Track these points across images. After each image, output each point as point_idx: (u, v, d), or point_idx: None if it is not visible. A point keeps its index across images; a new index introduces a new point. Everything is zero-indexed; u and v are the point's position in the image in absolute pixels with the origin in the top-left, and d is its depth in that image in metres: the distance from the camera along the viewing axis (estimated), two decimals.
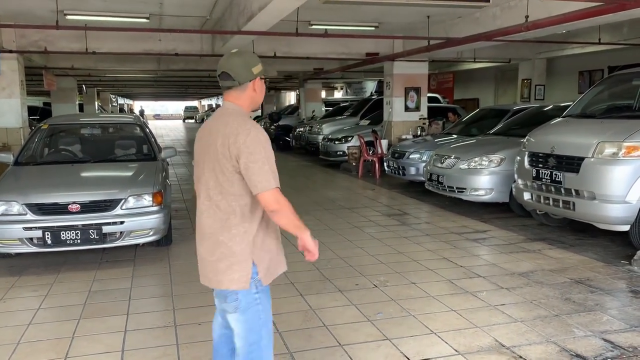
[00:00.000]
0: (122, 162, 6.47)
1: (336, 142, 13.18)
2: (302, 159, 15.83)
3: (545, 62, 13.86)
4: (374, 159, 11.68)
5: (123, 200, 5.32)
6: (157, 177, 5.82)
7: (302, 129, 17.25)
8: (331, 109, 19.37)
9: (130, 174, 5.88)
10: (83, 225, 5.13)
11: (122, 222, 5.24)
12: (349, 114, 15.74)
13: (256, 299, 2.36)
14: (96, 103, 26.99)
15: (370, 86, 24.16)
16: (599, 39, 10.07)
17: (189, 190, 10.12)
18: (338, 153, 13.10)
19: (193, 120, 55.11)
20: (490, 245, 6.05)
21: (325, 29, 9.30)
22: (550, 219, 6.80)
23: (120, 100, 53.45)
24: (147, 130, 7.16)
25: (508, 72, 17.12)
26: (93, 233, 5.15)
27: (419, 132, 12.41)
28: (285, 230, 2.33)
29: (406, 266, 5.32)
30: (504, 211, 7.66)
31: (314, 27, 10.06)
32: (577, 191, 5.71)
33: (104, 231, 5.17)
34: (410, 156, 9.70)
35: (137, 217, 5.35)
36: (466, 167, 7.64)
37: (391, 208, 8.31)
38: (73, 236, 5.10)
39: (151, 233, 5.46)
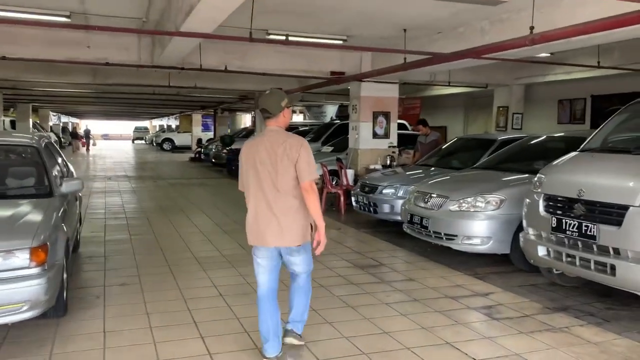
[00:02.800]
0: None
1: None
2: None
3: (523, 89, 12.83)
4: (339, 191, 10.16)
5: None
6: (44, 222, 4.09)
7: None
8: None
9: (3, 217, 4.11)
10: None
11: None
12: (310, 139, 14.18)
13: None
14: (30, 120, 24.58)
15: (330, 111, 22.82)
16: (598, 62, 8.95)
17: (126, 225, 8.31)
18: None
19: (143, 141, 52.61)
20: (501, 319, 4.54)
21: (287, 35, 7.80)
22: (564, 278, 5.39)
23: (64, 119, 50.50)
24: (48, 155, 5.38)
25: (478, 100, 16.08)
26: None
27: (388, 162, 11.00)
28: (311, 211, 3.44)
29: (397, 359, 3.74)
30: (500, 262, 6.25)
31: (271, 37, 8.56)
32: (617, 250, 4.31)
33: None
34: (384, 191, 8.21)
35: (1, 285, 3.60)
36: (457, 208, 6.18)
37: (363, 256, 6.75)
38: None
39: (25, 308, 3.71)
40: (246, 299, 4.92)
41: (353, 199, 8.99)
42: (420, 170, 8.75)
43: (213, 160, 20.54)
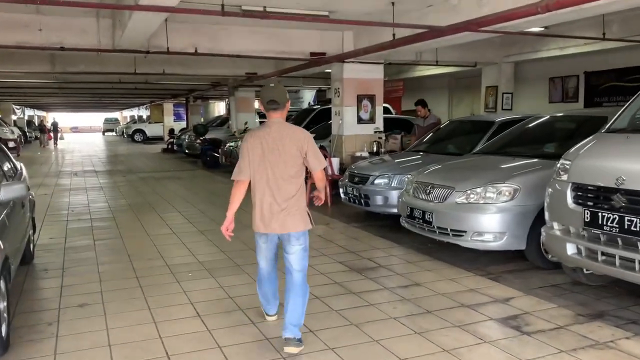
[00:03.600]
0: None
1: None
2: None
3: (513, 67, 12.18)
4: (325, 183, 9.37)
5: None
6: None
7: (233, 144, 14.74)
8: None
9: None
10: None
11: None
12: None
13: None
14: None
15: (308, 96, 21.96)
16: (604, 34, 8.29)
17: (90, 228, 7.41)
18: None
19: (114, 133, 51.05)
20: (532, 333, 3.85)
21: (264, 7, 6.92)
22: (591, 277, 4.74)
23: (30, 112, 48.56)
24: None
25: (463, 80, 15.42)
26: None
27: (374, 149, 10.26)
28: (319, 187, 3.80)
29: None
30: (511, 258, 5.60)
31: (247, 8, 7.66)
32: None
33: None
34: (376, 181, 7.47)
35: None
36: (464, 201, 5.47)
37: (358, 256, 6.02)
38: None
39: None
40: (228, 319, 4.15)
41: (341, 190, 8.24)
42: (413, 157, 8.04)
43: (186, 151, 19.59)
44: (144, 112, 48.60)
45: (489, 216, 5.29)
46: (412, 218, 5.99)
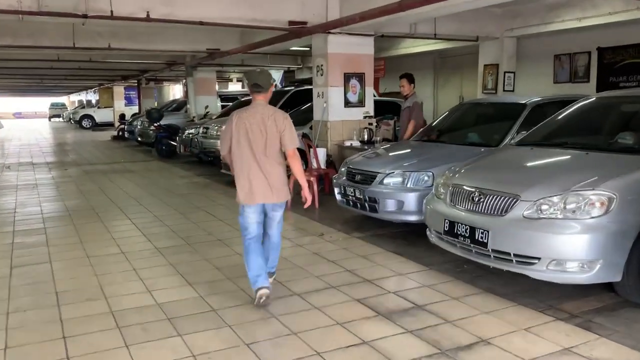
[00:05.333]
0: None
1: None
2: (194, 173, 11.43)
3: (515, 43, 10.74)
4: (310, 178, 7.72)
5: None
6: None
7: (193, 131, 12.86)
8: (230, 104, 15.08)
9: None
10: None
11: None
12: None
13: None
14: None
15: (275, 77, 20.07)
16: None
17: (10, 247, 5.52)
18: None
19: (60, 119, 47.77)
20: None
21: None
22: None
23: None
24: None
25: (449, 60, 13.93)
26: None
27: (365, 137, 8.64)
28: (295, 174, 4.14)
29: None
30: (587, 290, 4.09)
31: None
32: None
33: None
34: (385, 181, 5.85)
35: None
36: (535, 214, 3.91)
37: (377, 287, 4.41)
38: None
39: None
40: None
41: (337, 190, 6.58)
42: (426, 149, 6.48)
43: (139, 138, 17.49)
44: (93, 97, 45.75)
45: (573, 237, 3.75)
46: (453, 235, 4.40)
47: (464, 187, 4.45)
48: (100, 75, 24.46)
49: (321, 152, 8.33)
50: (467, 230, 4.23)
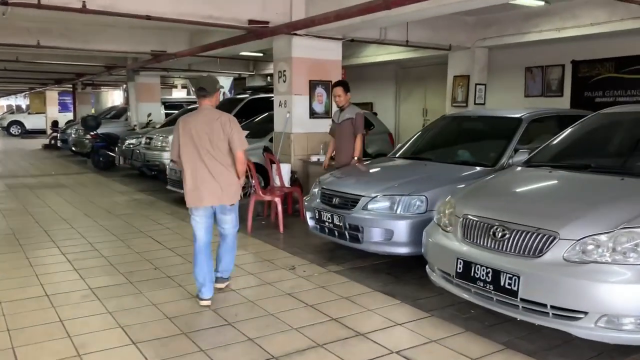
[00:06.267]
0: None
1: None
2: (135, 189, 10.20)
3: (486, 53, 10.19)
4: (274, 199, 6.76)
5: None
6: None
7: (134, 141, 11.64)
8: (175, 112, 13.88)
9: None
10: None
11: None
12: None
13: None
14: None
15: (224, 85, 18.94)
16: None
17: None
18: None
19: None
20: None
21: None
22: None
23: None
24: None
25: (412, 71, 13.33)
26: None
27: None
28: (239, 171, 4.20)
29: None
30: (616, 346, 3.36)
31: None
32: None
33: None
34: (370, 205, 4.98)
35: None
36: (578, 257, 3.13)
37: (375, 345, 3.52)
38: None
39: None
40: None
41: (309, 215, 5.65)
42: (411, 168, 5.69)
43: (73, 148, 15.97)
44: (23, 102, 42.91)
45: (630, 288, 3.00)
46: (469, 279, 3.57)
47: (480, 218, 3.64)
48: (30, 78, 22.47)
49: (285, 168, 7.40)
50: (490, 275, 3.42)
